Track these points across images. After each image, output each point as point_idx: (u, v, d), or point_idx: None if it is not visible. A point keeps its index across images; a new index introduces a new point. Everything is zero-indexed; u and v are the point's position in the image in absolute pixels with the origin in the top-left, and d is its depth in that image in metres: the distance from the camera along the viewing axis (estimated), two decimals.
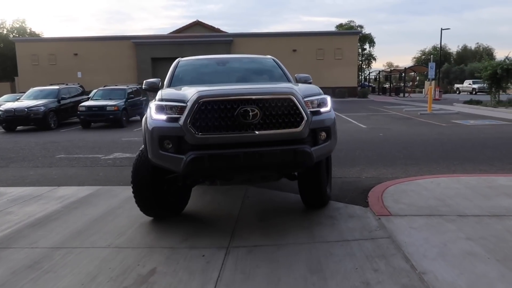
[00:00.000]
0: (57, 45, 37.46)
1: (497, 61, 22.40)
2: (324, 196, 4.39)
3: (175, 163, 3.48)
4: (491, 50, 75.36)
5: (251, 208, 4.68)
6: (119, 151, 9.76)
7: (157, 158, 3.61)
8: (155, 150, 3.57)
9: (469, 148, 9.31)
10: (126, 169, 7.35)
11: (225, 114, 3.41)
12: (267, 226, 4.01)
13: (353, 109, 23.07)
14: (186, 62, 5.63)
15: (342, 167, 7.29)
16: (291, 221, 4.11)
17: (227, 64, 5.80)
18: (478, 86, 45.22)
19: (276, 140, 3.51)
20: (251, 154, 3.41)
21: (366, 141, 10.79)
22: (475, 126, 14.08)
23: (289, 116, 3.53)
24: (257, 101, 3.46)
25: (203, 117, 3.41)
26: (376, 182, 5.71)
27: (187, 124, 3.41)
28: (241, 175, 3.85)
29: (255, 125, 3.44)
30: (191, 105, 3.43)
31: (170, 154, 3.51)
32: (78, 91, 19.27)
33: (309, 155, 3.54)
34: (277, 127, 3.49)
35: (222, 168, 3.50)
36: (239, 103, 3.43)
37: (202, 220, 4.33)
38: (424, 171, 6.85)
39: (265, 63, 5.82)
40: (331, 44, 37.79)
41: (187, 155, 3.41)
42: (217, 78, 5.11)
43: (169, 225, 4.15)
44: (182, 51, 36.28)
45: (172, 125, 3.50)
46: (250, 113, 3.40)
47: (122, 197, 5.28)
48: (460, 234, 3.51)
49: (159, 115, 3.61)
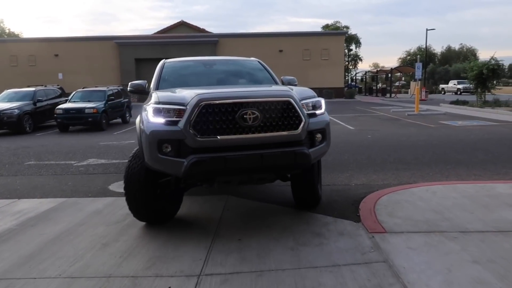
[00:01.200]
0: (36, 45, 36.33)
1: (483, 61, 22.36)
2: (317, 195, 4.47)
3: (175, 167, 3.43)
4: (474, 50, 76.40)
5: (230, 223, 4.19)
6: (95, 156, 9.17)
7: (155, 162, 3.53)
8: (153, 154, 3.48)
9: (460, 150, 9.00)
10: (98, 178, 6.80)
11: (226, 117, 3.40)
12: (247, 246, 3.52)
13: (340, 110, 22.78)
14: (172, 64, 5.50)
15: (331, 172, 6.86)
16: (273, 240, 3.64)
17: (214, 66, 5.70)
18: (463, 87, 45.63)
19: (275, 142, 3.55)
20: (252, 157, 3.43)
21: (355, 143, 10.42)
22: (463, 127, 13.87)
23: (288, 118, 3.57)
24: (257, 104, 3.48)
25: (204, 120, 3.39)
26: (367, 191, 5.28)
27: (187, 127, 3.37)
28: (241, 177, 3.81)
29: (255, 127, 3.46)
30: (192, 108, 3.40)
31: (169, 158, 3.45)
32: (56, 93, 18.48)
33: (308, 157, 3.61)
34: (277, 130, 3.53)
35: (223, 171, 3.49)
36: (239, 106, 3.44)
37: (173, 237, 3.82)
38: (417, 176, 6.47)
39: (251, 65, 5.78)
40: (318, 44, 37.54)
41: (188, 158, 3.37)
42: (205, 80, 5.10)
43: (135, 245, 3.65)
44: (166, 52, 35.59)
45: (172, 128, 3.44)
46: (250, 116, 3.41)
47: (88, 212, 4.75)
48: (465, 256, 3.09)
49: (157, 118, 3.54)
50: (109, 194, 5.67)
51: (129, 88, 5.00)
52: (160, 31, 43.29)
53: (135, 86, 4.96)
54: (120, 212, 4.70)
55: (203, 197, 5.20)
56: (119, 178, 6.75)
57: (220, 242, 3.66)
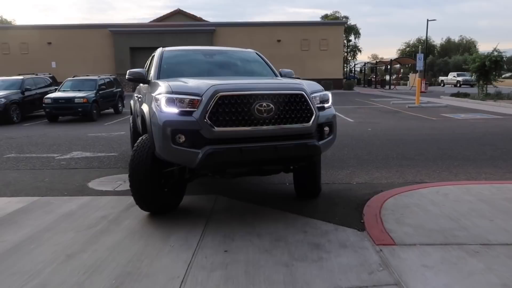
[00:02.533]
0: (29, 33, 35.43)
1: (486, 53, 21.79)
2: (319, 187, 4.58)
3: (189, 157, 3.41)
4: (474, 42, 75.70)
5: (217, 230, 3.68)
6: (80, 149, 8.63)
7: (168, 153, 3.49)
8: (167, 144, 3.43)
9: (466, 145, 8.52)
10: (79, 173, 6.28)
11: (242, 108, 3.41)
12: (234, 261, 3.00)
13: (339, 102, 22.22)
14: (171, 53, 5.35)
15: (330, 169, 6.36)
16: (265, 252, 3.14)
17: (214, 57, 5.59)
18: (462, 79, 45.09)
19: (288, 134, 3.59)
20: (267, 148, 3.47)
21: (355, 137, 9.91)
22: (466, 121, 13.38)
23: (300, 111, 3.62)
24: (271, 96, 3.51)
25: (220, 111, 3.38)
26: (371, 191, 4.79)
27: (204, 118, 3.36)
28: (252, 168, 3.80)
29: (269, 119, 3.48)
30: (208, 99, 3.37)
31: (184, 149, 3.41)
32: (47, 82, 17.83)
33: (318, 149, 3.74)
34: (290, 122, 3.57)
35: (238, 162, 3.51)
36: (255, 98, 3.45)
37: (150, 247, 3.31)
38: (423, 174, 5.98)
39: (250, 56, 5.76)
40: (316, 34, 36.79)
41: (203, 149, 3.36)
42: (207, 71, 5.04)
43: (105, 256, 3.14)
44: (162, 41, 34.75)
45: (186, 118, 3.41)
46: (265, 108, 3.44)
47: (59, 214, 4.23)
48: (492, 278, 2.59)
49: (170, 108, 3.49)
50: (87, 192, 5.15)
51: (127, 76, 4.79)
52: (156, 19, 42.39)
53: (134, 75, 4.74)
54: (95, 214, 4.19)
55: (191, 196, 4.70)
56: (101, 173, 6.23)
57: (204, 254, 3.15)
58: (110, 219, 4.03)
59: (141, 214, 4.17)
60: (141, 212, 4.22)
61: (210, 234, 3.55)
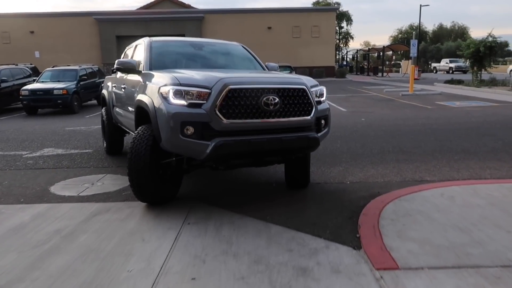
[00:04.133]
0: (10, 21, 34.17)
1: (480, 39, 21.30)
2: (309, 177, 4.75)
3: (199, 149, 3.48)
4: (466, 29, 75.23)
5: (186, 248, 3.10)
6: (53, 145, 7.98)
7: (176, 145, 3.56)
8: (175, 136, 3.48)
9: (465, 135, 8.03)
10: (44, 174, 5.66)
11: (250, 101, 3.51)
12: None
13: (332, 90, 21.64)
14: (160, 44, 5.26)
15: (322, 165, 5.83)
16: (240, 280, 2.55)
17: (203, 49, 5.55)
18: (455, 65, 44.73)
19: (291, 127, 3.74)
20: (273, 140, 3.61)
21: (348, 128, 9.38)
22: (462, 109, 12.92)
23: (303, 105, 3.77)
24: (276, 90, 3.64)
25: (230, 104, 3.45)
26: (367, 194, 4.25)
27: (214, 110, 3.42)
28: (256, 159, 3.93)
29: (275, 112, 3.60)
30: (218, 91, 3.44)
31: (193, 140, 3.46)
32: (25, 73, 16.99)
33: (318, 141, 3.93)
34: (293, 115, 3.71)
35: (246, 153, 3.63)
36: (262, 91, 3.56)
37: (103, 274, 2.75)
38: (422, 170, 5.47)
39: (237, 49, 5.84)
40: (308, 21, 35.99)
41: (213, 141, 3.42)
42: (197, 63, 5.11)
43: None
44: (149, 28, 33.82)
45: (196, 111, 3.46)
46: (272, 101, 3.56)
47: (6, 228, 3.61)
48: None
49: (178, 100, 3.53)
50: (47, 198, 4.55)
51: (116, 66, 4.71)
52: (143, 6, 41.15)
53: (125, 65, 4.71)
54: (48, 228, 3.59)
55: (166, 207, 4.12)
56: (68, 174, 5.62)
57: (166, 284, 2.59)
58: (64, 234, 3.44)
59: (102, 226, 3.60)
60: (102, 223, 3.65)
61: (178, 255, 2.97)
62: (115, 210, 4.02)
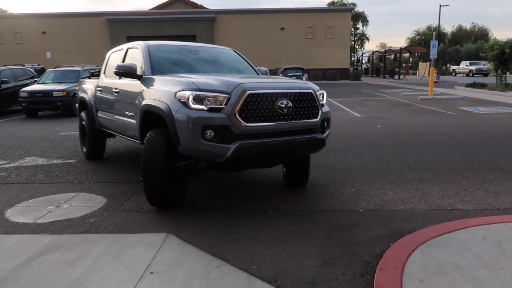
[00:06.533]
0: (22, 22, 34.16)
1: (505, 40, 20.02)
2: (308, 176, 4.93)
3: (220, 152, 3.57)
4: (486, 30, 73.02)
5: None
6: (38, 154, 7.29)
7: (197, 148, 3.61)
8: (196, 140, 3.55)
9: (496, 148, 7.05)
10: (9, 192, 4.93)
11: (266, 105, 3.69)
12: None
13: (346, 93, 20.67)
14: (157, 48, 5.21)
15: (331, 184, 4.97)
16: None
17: (200, 54, 5.57)
18: (475, 68, 43.14)
19: (301, 129, 3.98)
20: (287, 142, 3.82)
21: (362, 136, 8.47)
22: (488, 115, 11.83)
23: (311, 108, 4.03)
24: (289, 94, 3.85)
25: (249, 108, 3.60)
26: (384, 231, 3.36)
27: (234, 114, 3.54)
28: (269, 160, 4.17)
29: (288, 116, 3.82)
30: (238, 96, 3.57)
31: (214, 144, 3.55)
32: (29, 74, 16.49)
33: (324, 142, 4.23)
34: (303, 118, 3.96)
35: (263, 155, 3.80)
36: (276, 96, 3.76)
37: None
38: (452, 195, 4.54)
39: (231, 53, 5.95)
40: (322, 22, 35.01)
41: (234, 144, 3.54)
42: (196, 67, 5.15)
43: None
44: (160, 29, 33.31)
45: (216, 115, 3.55)
46: (286, 105, 3.76)
47: None
48: None
49: (198, 105, 3.60)
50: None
51: (116, 70, 4.63)
52: (155, 7, 40.78)
53: (125, 69, 4.62)
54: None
55: (132, 235, 3.31)
56: (36, 192, 4.87)
57: None
58: None
59: (42, 273, 2.80)
60: (44, 269, 2.86)
61: None
62: (68, 248, 3.22)
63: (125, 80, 5.03)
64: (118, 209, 4.20)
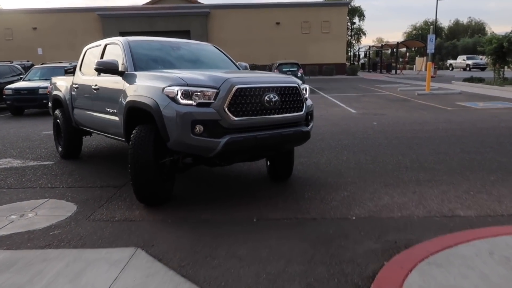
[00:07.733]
0: (13, 17, 33.54)
1: (503, 34, 19.68)
2: (292, 169, 5.03)
3: (209, 147, 3.57)
4: (483, 24, 72.64)
5: None
6: (15, 155, 6.90)
7: (186, 143, 3.59)
8: (186, 135, 3.54)
9: (497, 146, 6.71)
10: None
11: (254, 100, 3.72)
12: None
13: (341, 89, 20.31)
14: (137, 43, 5.07)
15: (322, 187, 4.62)
16: None
17: (181, 49, 5.48)
18: (472, 62, 42.82)
19: (287, 122, 4.02)
20: (275, 135, 3.87)
21: (357, 134, 8.12)
22: (487, 111, 11.50)
23: (296, 102, 4.09)
24: (275, 88, 3.90)
25: (237, 103, 3.62)
26: (378, 244, 3.00)
27: (223, 109, 3.56)
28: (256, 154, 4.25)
29: (274, 109, 3.86)
30: (226, 91, 3.59)
31: (204, 139, 3.55)
32: (15, 72, 16.02)
33: (309, 134, 4.31)
34: (289, 111, 4.02)
35: (252, 148, 3.84)
36: (264, 90, 3.80)
37: None
38: (452, 199, 4.19)
39: (212, 50, 5.91)
40: (318, 16, 34.58)
41: (224, 138, 3.55)
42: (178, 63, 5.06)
43: None
44: (153, 25, 32.75)
45: (206, 110, 3.56)
46: (272, 99, 3.81)
47: None
48: None
49: (187, 100, 3.59)
50: None
51: (96, 67, 4.49)
52: (148, 2, 40.15)
53: (106, 65, 4.48)
54: None
55: (97, 250, 2.94)
56: (2, 199, 4.49)
57: None
58: None
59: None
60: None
61: None
62: (21, 267, 2.84)
63: (105, 77, 4.86)
64: (87, 219, 3.83)
